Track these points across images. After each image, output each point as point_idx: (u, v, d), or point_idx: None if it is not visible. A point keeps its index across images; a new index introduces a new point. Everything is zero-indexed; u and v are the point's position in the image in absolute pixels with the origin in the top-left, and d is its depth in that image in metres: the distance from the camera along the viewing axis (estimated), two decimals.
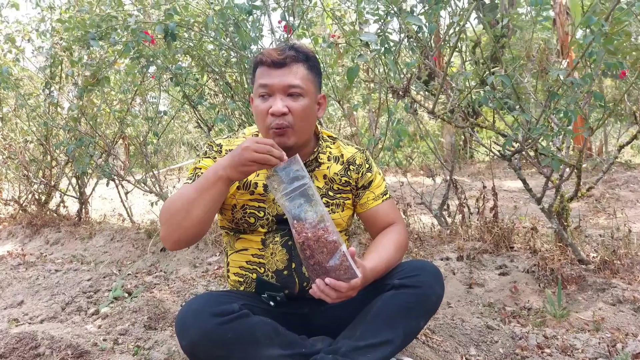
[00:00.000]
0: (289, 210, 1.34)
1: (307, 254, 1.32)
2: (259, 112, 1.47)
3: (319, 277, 1.32)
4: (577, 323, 1.96)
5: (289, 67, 1.46)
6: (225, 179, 1.36)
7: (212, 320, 1.37)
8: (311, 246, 1.31)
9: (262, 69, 1.46)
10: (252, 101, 1.57)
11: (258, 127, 1.54)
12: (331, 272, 1.32)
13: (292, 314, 1.62)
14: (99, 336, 1.89)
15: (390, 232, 1.65)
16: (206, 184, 1.38)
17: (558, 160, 1.83)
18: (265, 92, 1.45)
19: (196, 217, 1.41)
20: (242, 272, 1.66)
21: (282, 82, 1.44)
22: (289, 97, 1.46)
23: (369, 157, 1.74)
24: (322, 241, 1.31)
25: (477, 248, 2.58)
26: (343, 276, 1.32)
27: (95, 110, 3.70)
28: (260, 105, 1.46)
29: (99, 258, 3.64)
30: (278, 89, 1.44)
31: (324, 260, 1.31)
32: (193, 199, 1.39)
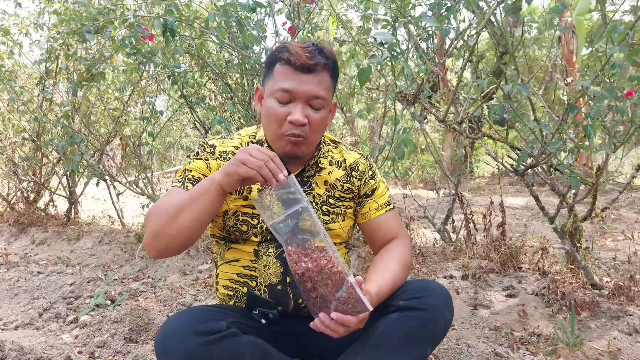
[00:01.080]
0: (283, 236, 1.20)
1: (307, 286, 1.18)
2: (275, 116, 1.33)
3: (322, 310, 1.18)
4: (591, 353, 1.82)
5: (317, 75, 1.33)
6: (217, 186, 1.22)
7: (196, 339, 1.22)
8: (313, 278, 1.16)
9: (287, 70, 1.32)
10: (257, 96, 1.44)
11: (267, 129, 1.40)
12: (337, 305, 1.17)
13: (285, 333, 1.48)
14: (74, 348, 1.74)
15: (394, 248, 1.51)
16: (200, 189, 1.24)
17: (577, 177, 1.70)
18: (287, 97, 1.32)
19: (183, 226, 1.26)
20: (232, 285, 1.52)
21: (307, 91, 1.31)
22: (309, 107, 1.34)
23: (373, 164, 1.61)
24: (325, 272, 1.16)
25: (483, 267, 2.44)
26: (351, 310, 1.17)
27: (89, 107, 3.57)
28: (278, 109, 1.33)
29: (85, 261, 3.49)
30: (301, 96, 1.32)
31: (328, 294, 1.16)
32: (182, 205, 1.25)
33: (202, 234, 1.34)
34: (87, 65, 3.02)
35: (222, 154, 1.46)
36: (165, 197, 1.39)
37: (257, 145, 1.20)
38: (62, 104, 3.26)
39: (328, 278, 1.16)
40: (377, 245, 1.56)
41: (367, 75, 1.70)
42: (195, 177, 1.42)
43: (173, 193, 1.40)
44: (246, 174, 1.16)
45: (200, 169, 1.43)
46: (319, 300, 1.18)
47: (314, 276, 1.16)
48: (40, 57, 4.02)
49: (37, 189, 4.45)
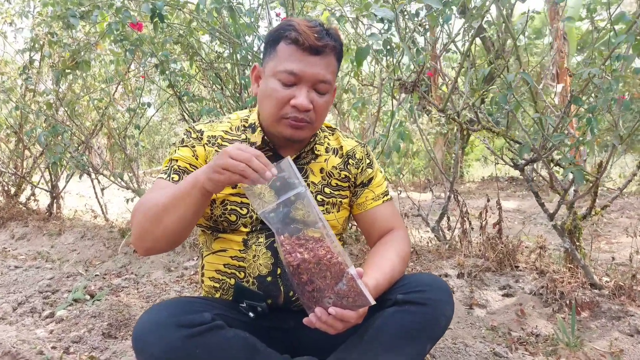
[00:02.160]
0: (277, 225, 1.11)
1: (303, 279, 1.08)
2: (276, 99, 1.24)
3: (319, 305, 1.08)
4: (592, 354, 1.75)
5: (324, 57, 1.24)
6: (201, 188, 1.11)
7: (178, 332, 1.12)
8: (310, 270, 1.07)
9: (293, 50, 1.23)
10: (254, 75, 1.35)
11: (265, 111, 1.30)
12: (336, 299, 1.08)
13: (274, 328, 1.39)
14: (48, 343, 1.63)
15: (391, 239, 1.42)
16: (183, 189, 1.14)
17: (581, 170, 1.62)
18: (292, 80, 1.23)
19: (167, 227, 1.17)
20: (218, 277, 1.42)
21: (314, 74, 1.23)
22: (314, 91, 1.25)
23: (370, 152, 1.53)
24: (324, 263, 1.07)
25: (479, 265, 2.36)
26: (351, 304, 1.08)
27: (73, 97, 3.44)
28: (281, 92, 1.23)
29: (66, 256, 3.36)
30: (308, 80, 1.23)
31: (326, 287, 1.07)
32: (166, 206, 1.16)
33: (190, 232, 1.24)
34: (71, 53, 2.91)
35: (211, 139, 1.36)
36: (151, 191, 1.29)
37: (238, 144, 1.08)
38: (44, 92, 3.14)
39: (327, 270, 1.07)
40: (374, 238, 1.48)
41: (365, 54, 1.62)
42: (181, 167, 1.32)
43: (158, 186, 1.30)
44: (229, 179, 1.05)
45: (186, 157, 1.33)
46: (315, 294, 1.08)
47: (311, 268, 1.07)
48: (24, 45, 3.89)
49: (19, 183, 4.31)
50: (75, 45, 2.85)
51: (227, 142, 1.37)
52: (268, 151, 1.38)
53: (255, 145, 1.36)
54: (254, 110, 1.44)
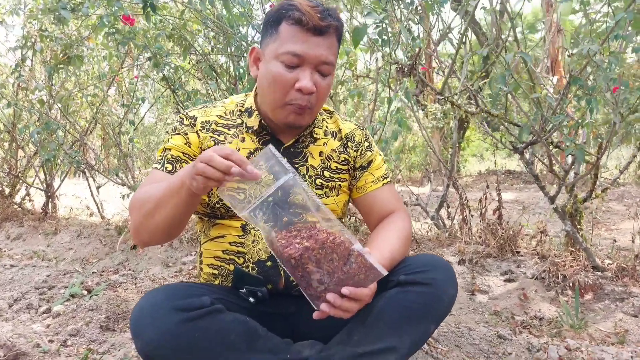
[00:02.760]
0: (267, 223, 1.05)
1: (309, 269, 1.02)
2: (281, 82, 1.20)
3: (328, 292, 1.03)
4: (597, 335, 1.73)
5: (327, 38, 1.21)
6: (187, 190, 1.06)
7: (176, 316, 1.09)
8: (315, 257, 1.02)
9: (296, 30, 1.19)
10: (253, 58, 1.31)
11: (267, 95, 1.26)
12: (347, 281, 1.03)
13: (275, 314, 1.36)
14: (45, 337, 1.60)
15: (392, 221, 1.39)
16: (172, 188, 1.10)
17: (582, 150, 1.60)
18: (296, 61, 1.19)
19: (159, 223, 1.15)
20: (217, 264, 1.39)
21: (318, 55, 1.19)
22: (317, 73, 1.22)
23: (369, 135, 1.50)
24: (328, 246, 1.02)
25: (480, 252, 2.34)
26: (363, 281, 1.05)
27: (66, 94, 3.40)
28: (285, 75, 1.20)
29: (62, 255, 3.32)
30: (311, 61, 1.19)
31: (335, 269, 1.02)
32: (157, 202, 1.13)
33: (186, 225, 1.21)
34: (63, 46, 2.87)
35: (205, 125, 1.33)
36: (145, 183, 1.27)
37: (217, 147, 1.02)
38: (36, 87, 3.10)
39: (332, 252, 1.02)
40: (374, 221, 1.44)
41: (362, 34, 1.59)
42: (174, 156, 1.29)
43: (153, 177, 1.28)
44: (206, 184, 1.00)
45: (178, 146, 1.30)
46: (324, 281, 1.03)
47: (316, 254, 1.01)
48: (15, 43, 3.85)
49: (13, 183, 4.26)
50: (66, 39, 2.81)
51: (221, 126, 1.34)
52: (265, 135, 1.35)
53: (252, 130, 1.33)
54: (249, 95, 1.41)
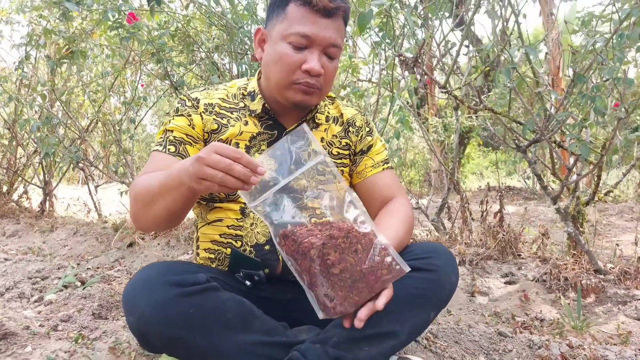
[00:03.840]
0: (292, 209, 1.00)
1: (330, 260, 0.94)
2: (288, 63, 1.19)
3: (345, 290, 0.95)
4: (600, 336, 1.69)
5: (335, 19, 1.20)
6: (188, 187, 1.02)
7: (170, 290, 1.07)
8: (339, 245, 0.94)
9: (305, 12, 1.18)
10: (258, 40, 1.29)
11: (273, 77, 1.24)
12: (369, 276, 0.96)
13: (271, 299, 1.33)
14: (35, 321, 1.56)
15: (394, 208, 1.36)
16: (171, 182, 1.05)
17: (587, 145, 1.59)
18: (304, 43, 1.18)
19: (158, 215, 1.13)
20: (214, 248, 1.37)
21: (327, 37, 1.18)
22: (325, 56, 1.21)
23: (370, 121, 1.49)
24: (353, 235, 0.95)
25: (480, 254, 2.31)
26: (386, 277, 0.97)
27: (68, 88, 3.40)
28: (292, 56, 1.18)
29: (58, 252, 3.28)
30: (320, 43, 1.18)
31: (359, 262, 0.95)
32: (156, 194, 1.09)
33: (186, 214, 1.18)
34: (66, 40, 2.87)
35: (208, 107, 1.31)
36: (147, 167, 1.24)
37: (214, 146, 0.94)
38: (38, 82, 3.09)
39: (357, 242, 0.95)
40: (375, 207, 1.41)
41: (368, 18, 1.58)
42: (177, 137, 1.27)
43: (154, 160, 1.25)
44: (208, 189, 0.95)
45: (181, 127, 1.28)
46: (343, 277, 0.94)
47: (340, 243, 0.94)
48: (20, 40, 3.86)
49: (11, 180, 4.24)
50: (70, 32, 2.81)
51: (224, 109, 1.33)
52: (268, 119, 1.34)
53: (255, 113, 1.32)
54: (252, 79, 1.40)
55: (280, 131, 1.34)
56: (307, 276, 0.97)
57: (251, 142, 1.33)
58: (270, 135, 1.34)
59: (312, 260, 0.95)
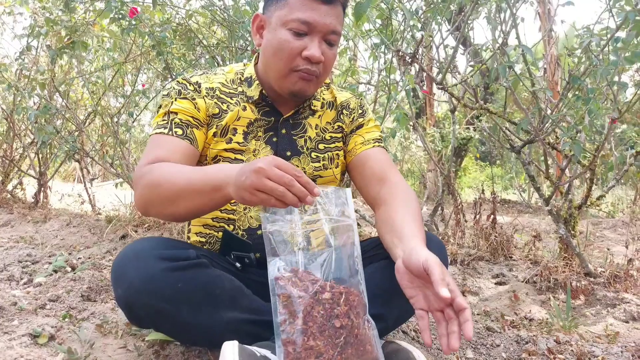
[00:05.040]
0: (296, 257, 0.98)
1: (336, 311, 0.94)
2: (288, 50, 1.19)
3: (335, 348, 0.93)
4: (588, 336, 1.69)
5: (334, 6, 1.21)
6: (226, 195, 1.02)
7: (160, 263, 1.07)
8: (348, 301, 0.96)
9: None
10: (256, 26, 1.28)
11: (273, 64, 1.23)
12: (358, 346, 0.97)
13: (261, 282, 1.31)
14: (24, 300, 1.56)
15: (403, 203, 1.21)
16: (205, 186, 1.05)
17: (580, 145, 1.60)
18: (304, 29, 1.18)
19: (177, 212, 1.12)
20: (205, 231, 1.37)
21: (327, 24, 1.19)
22: (325, 43, 1.21)
23: (365, 104, 1.48)
24: (360, 300, 0.99)
25: (472, 254, 2.32)
26: (368, 354, 0.98)
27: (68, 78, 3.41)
28: (292, 42, 1.18)
29: (50, 241, 3.27)
30: (320, 31, 1.19)
31: (357, 326, 0.97)
32: (180, 193, 1.08)
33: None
34: (68, 31, 2.88)
35: (209, 92, 1.30)
36: (153, 151, 1.20)
37: (272, 159, 0.94)
38: (38, 71, 3.10)
39: (359, 305, 0.98)
40: (366, 186, 1.33)
41: (365, 8, 1.60)
42: (184, 120, 1.24)
43: (161, 143, 1.22)
44: (262, 202, 0.94)
45: (187, 110, 1.26)
46: (341, 333, 0.94)
47: (352, 300, 0.97)
48: (22, 31, 3.88)
49: (6, 171, 4.23)
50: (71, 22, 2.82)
51: (224, 94, 1.32)
52: (265, 106, 1.34)
53: (252, 100, 1.32)
54: (249, 64, 1.39)
55: (277, 118, 1.34)
56: (299, 319, 0.92)
57: (249, 128, 1.33)
58: (268, 122, 1.34)
59: (321, 303, 0.93)
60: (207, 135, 1.30)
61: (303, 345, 0.90)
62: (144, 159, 1.20)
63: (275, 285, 0.94)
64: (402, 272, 1.02)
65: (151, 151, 1.21)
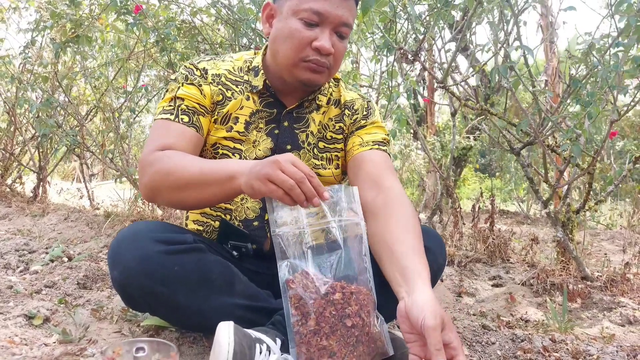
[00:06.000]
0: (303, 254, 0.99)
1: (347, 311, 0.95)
2: (298, 39, 1.17)
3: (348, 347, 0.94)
4: (584, 338, 1.69)
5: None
6: (236, 186, 1.03)
7: (156, 246, 1.07)
8: (359, 300, 0.97)
9: None
10: (266, 14, 1.26)
11: (281, 53, 1.21)
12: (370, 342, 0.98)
13: (257, 272, 1.33)
14: (20, 285, 1.55)
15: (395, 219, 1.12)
16: (216, 176, 1.06)
17: (579, 145, 1.61)
18: (315, 20, 1.16)
19: (185, 201, 1.14)
20: (203, 220, 1.37)
21: (339, 15, 1.17)
22: (336, 35, 1.20)
23: (373, 107, 1.43)
24: (371, 298, 1.00)
25: (470, 256, 2.32)
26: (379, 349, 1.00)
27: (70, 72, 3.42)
28: (303, 32, 1.17)
29: (47, 235, 3.26)
30: (332, 22, 1.17)
31: (368, 324, 0.97)
32: (190, 183, 1.09)
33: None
34: (73, 24, 2.90)
35: (215, 78, 1.29)
36: (160, 137, 1.19)
37: (290, 156, 0.98)
38: (41, 63, 3.11)
39: (370, 304, 0.99)
40: (362, 192, 1.19)
41: (371, 3, 1.60)
42: (190, 107, 1.23)
43: (168, 130, 1.21)
44: (271, 193, 0.96)
45: (194, 96, 1.25)
46: (353, 332, 0.94)
47: (362, 299, 0.97)
48: (27, 25, 3.89)
49: (6, 164, 4.23)
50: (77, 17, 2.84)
51: (229, 81, 1.30)
52: (268, 97, 1.32)
53: (256, 90, 1.30)
54: (258, 53, 1.36)
55: (279, 110, 1.32)
56: (311, 320, 0.93)
57: (251, 118, 1.31)
58: (269, 113, 1.32)
59: (332, 303, 0.94)
60: (211, 122, 1.30)
61: (316, 346, 0.92)
62: (151, 145, 1.19)
63: (287, 287, 0.95)
64: (404, 317, 0.96)
65: (158, 138, 1.20)
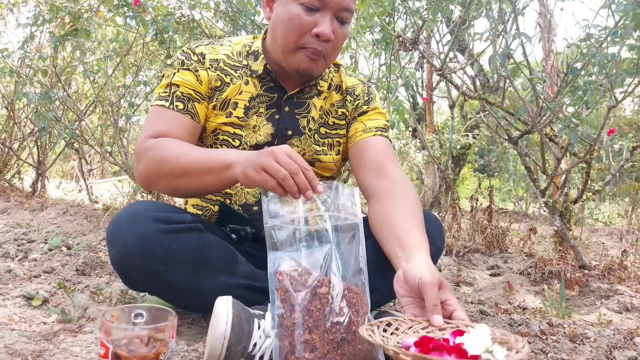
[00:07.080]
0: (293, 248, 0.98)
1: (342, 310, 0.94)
2: (299, 25, 1.16)
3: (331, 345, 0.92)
4: (581, 324, 1.70)
5: None
6: (232, 175, 1.04)
7: (154, 225, 1.07)
8: (346, 297, 0.95)
9: None
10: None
11: (281, 38, 1.20)
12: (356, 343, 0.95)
13: (256, 256, 1.32)
14: (19, 270, 1.56)
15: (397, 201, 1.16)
16: (212, 165, 1.07)
17: (576, 131, 1.61)
18: (316, 4, 1.15)
19: (182, 189, 1.15)
20: (202, 204, 1.37)
21: (340, 1, 1.16)
22: (336, 20, 1.18)
23: (374, 92, 1.43)
24: (361, 298, 0.98)
25: (468, 246, 2.32)
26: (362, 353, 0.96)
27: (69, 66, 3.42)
28: (304, 18, 1.15)
29: (46, 228, 3.26)
30: (333, 7, 1.16)
31: (355, 324, 0.94)
32: (186, 171, 1.10)
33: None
34: (72, 17, 2.90)
35: (213, 63, 1.28)
36: (154, 124, 1.20)
37: (287, 148, 0.98)
38: (40, 57, 3.11)
39: (361, 304, 0.97)
40: (365, 174, 1.28)
41: None
42: (185, 94, 1.23)
43: (162, 117, 1.21)
44: (264, 182, 0.96)
45: (189, 82, 1.24)
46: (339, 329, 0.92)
47: (351, 297, 0.96)
48: (26, 20, 3.89)
49: (4, 159, 4.23)
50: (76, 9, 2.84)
51: (228, 66, 1.30)
52: (269, 82, 1.32)
53: (256, 74, 1.30)
54: (258, 37, 1.36)
55: (280, 94, 1.32)
56: (295, 313, 0.92)
57: (250, 103, 1.30)
58: (270, 98, 1.31)
59: (318, 297, 0.93)
60: (209, 108, 1.29)
61: (298, 339, 0.90)
62: (146, 131, 1.20)
63: (275, 279, 0.95)
64: (401, 282, 0.98)
65: (152, 124, 1.21)
